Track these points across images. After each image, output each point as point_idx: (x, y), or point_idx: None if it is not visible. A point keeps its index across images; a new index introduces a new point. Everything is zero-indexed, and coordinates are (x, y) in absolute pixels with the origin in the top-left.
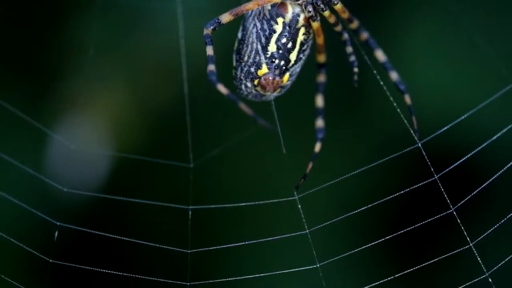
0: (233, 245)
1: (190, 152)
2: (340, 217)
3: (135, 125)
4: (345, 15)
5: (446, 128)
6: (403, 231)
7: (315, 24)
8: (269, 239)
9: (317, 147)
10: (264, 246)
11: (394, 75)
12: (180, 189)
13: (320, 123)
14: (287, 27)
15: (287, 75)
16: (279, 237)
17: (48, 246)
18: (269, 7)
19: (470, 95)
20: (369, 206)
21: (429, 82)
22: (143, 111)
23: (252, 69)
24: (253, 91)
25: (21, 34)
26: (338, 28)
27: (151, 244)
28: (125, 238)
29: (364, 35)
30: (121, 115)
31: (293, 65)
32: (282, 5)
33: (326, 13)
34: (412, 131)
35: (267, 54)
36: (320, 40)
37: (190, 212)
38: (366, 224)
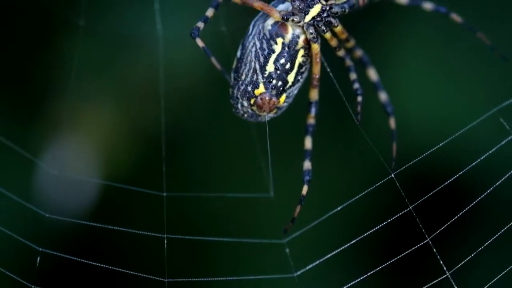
0: (215, 279)
1: (164, 180)
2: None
3: (123, 148)
4: (344, 36)
5: (425, 154)
6: (381, 266)
7: (315, 47)
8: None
9: (304, 190)
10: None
11: (383, 96)
12: (155, 217)
13: (307, 165)
14: (286, 48)
15: (284, 96)
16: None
17: (30, 272)
18: (270, 27)
19: (457, 117)
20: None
21: (416, 102)
22: (131, 134)
23: (249, 88)
24: (249, 111)
25: (8, 57)
26: (341, 53)
27: (129, 271)
28: (105, 266)
29: (358, 52)
30: (108, 138)
31: (290, 86)
32: (283, 25)
33: (327, 35)
34: (389, 160)
35: (265, 73)
36: (317, 69)
37: (165, 241)
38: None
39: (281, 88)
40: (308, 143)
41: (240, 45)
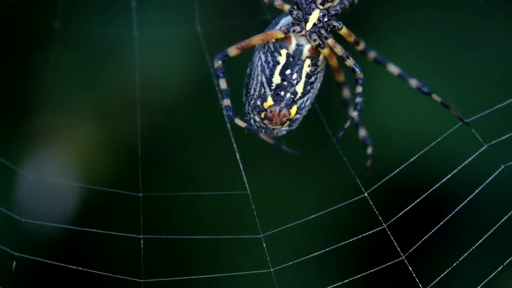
0: (190, 277)
1: (139, 180)
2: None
3: (102, 157)
4: (351, 38)
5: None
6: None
7: (325, 51)
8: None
9: (369, 150)
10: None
11: (413, 82)
12: (132, 219)
13: (362, 133)
14: (291, 58)
15: (294, 108)
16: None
17: (7, 277)
18: (273, 40)
19: (431, 130)
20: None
21: (392, 114)
22: (109, 141)
23: (258, 102)
24: (262, 125)
25: None
26: (349, 62)
27: (105, 273)
28: (82, 268)
29: (372, 54)
30: (88, 147)
31: (300, 97)
32: (287, 38)
33: (330, 41)
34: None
35: (272, 86)
36: (334, 62)
37: (141, 241)
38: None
39: (291, 100)
40: (354, 114)
41: (250, 61)
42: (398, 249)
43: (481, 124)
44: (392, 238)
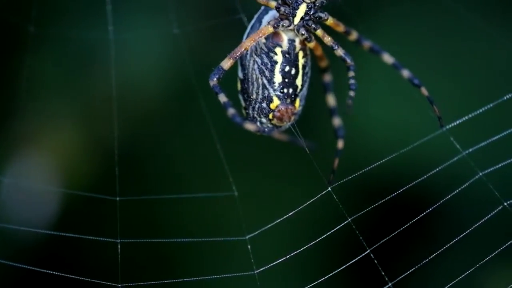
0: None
1: (116, 184)
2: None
3: (81, 161)
4: (340, 28)
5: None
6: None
7: (312, 44)
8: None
9: (340, 144)
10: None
11: (405, 73)
12: (111, 223)
13: (337, 121)
14: (287, 55)
15: (298, 101)
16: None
17: None
18: (264, 40)
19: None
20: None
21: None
22: (88, 145)
23: (264, 105)
24: (269, 125)
25: None
26: (339, 52)
27: (84, 278)
28: (58, 273)
29: (367, 43)
30: (66, 151)
31: (300, 89)
32: (276, 34)
33: (319, 32)
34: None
35: (275, 86)
36: (319, 51)
37: (119, 246)
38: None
39: (293, 95)
40: (331, 100)
41: (239, 66)
42: (364, 243)
43: (461, 130)
44: (357, 232)
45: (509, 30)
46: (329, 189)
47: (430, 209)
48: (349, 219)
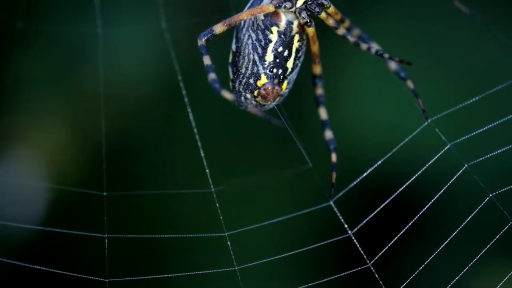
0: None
1: (104, 179)
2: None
3: (69, 157)
4: (338, 16)
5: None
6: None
7: (311, 30)
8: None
9: (333, 157)
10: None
11: (392, 65)
12: (99, 219)
13: (329, 134)
14: (282, 36)
15: (285, 83)
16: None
17: None
18: (262, 17)
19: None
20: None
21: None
22: (77, 143)
23: (251, 81)
24: (253, 102)
25: None
26: (340, 31)
27: (72, 274)
28: (45, 268)
29: (356, 31)
30: (54, 147)
31: (290, 72)
32: (275, 13)
33: (323, 15)
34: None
35: (265, 64)
36: (315, 48)
37: (106, 240)
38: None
39: (282, 76)
40: (323, 113)
41: (234, 37)
42: (363, 255)
43: (446, 123)
44: (357, 244)
45: (499, 20)
46: (331, 203)
47: (424, 208)
48: (350, 233)
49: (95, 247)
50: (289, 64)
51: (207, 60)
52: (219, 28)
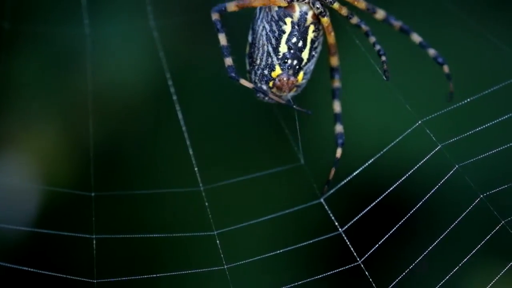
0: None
1: (92, 182)
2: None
3: (58, 158)
4: (362, 5)
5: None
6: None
7: (325, 20)
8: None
9: (338, 152)
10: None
11: (339, 127)
12: (86, 219)
13: (339, 128)
14: (296, 26)
15: (301, 74)
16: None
17: None
18: (276, 8)
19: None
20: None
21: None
22: (66, 144)
23: (266, 72)
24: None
25: None
26: (354, 20)
27: (60, 275)
28: (33, 270)
29: (378, 15)
30: (43, 148)
31: (306, 63)
32: (289, 5)
33: (336, 5)
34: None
35: (279, 55)
36: (331, 38)
37: (94, 241)
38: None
39: (298, 67)
40: (337, 106)
41: (250, 29)
42: (355, 254)
43: (437, 124)
44: (348, 242)
45: (494, 22)
46: (322, 200)
47: (415, 208)
48: (341, 231)
49: (84, 248)
50: (305, 55)
51: (222, 40)
52: (231, 7)
